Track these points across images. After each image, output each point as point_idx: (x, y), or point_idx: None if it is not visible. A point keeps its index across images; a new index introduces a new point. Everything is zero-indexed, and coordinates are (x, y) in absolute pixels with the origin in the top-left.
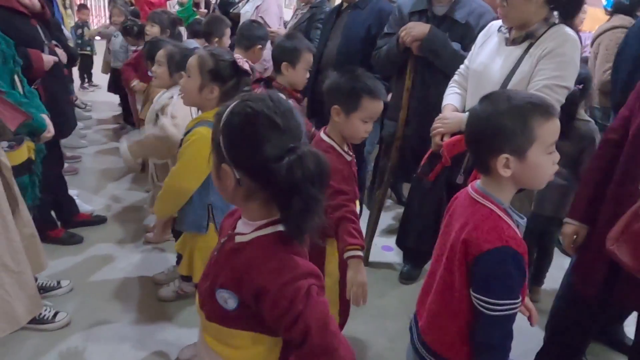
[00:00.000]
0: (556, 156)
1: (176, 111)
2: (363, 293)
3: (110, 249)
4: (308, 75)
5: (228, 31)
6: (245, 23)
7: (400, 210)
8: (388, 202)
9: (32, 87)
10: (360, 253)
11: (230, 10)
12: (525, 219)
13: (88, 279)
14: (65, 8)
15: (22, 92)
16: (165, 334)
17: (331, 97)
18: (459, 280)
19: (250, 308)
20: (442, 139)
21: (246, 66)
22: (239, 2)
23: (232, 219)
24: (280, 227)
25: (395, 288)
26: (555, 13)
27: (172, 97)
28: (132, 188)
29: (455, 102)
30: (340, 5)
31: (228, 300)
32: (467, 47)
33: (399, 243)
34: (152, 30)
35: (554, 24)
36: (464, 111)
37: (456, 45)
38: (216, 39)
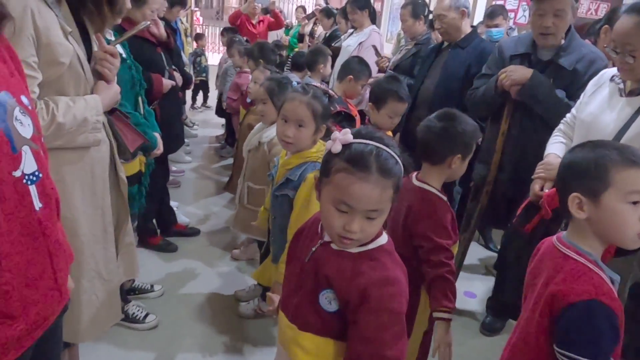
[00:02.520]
0: None
1: None
2: (450, 354)
3: (200, 260)
4: (397, 120)
5: (329, 61)
6: (352, 58)
7: (487, 254)
8: (474, 245)
9: (151, 107)
10: (449, 316)
11: (332, 44)
12: (619, 277)
13: (177, 287)
14: (186, 36)
15: (142, 113)
16: (243, 350)
17: (450, 147)
18: (540, 336)
19: (348, 311)
20: (542, 188)
21: (344, 103)
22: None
23: (303, 237)
24: (382, 241)
25: (476, 338)
26: None
27: None
28: (227, 205)
29: (559, 152)
30: (442, 43)
31: (332, 301)
32: (573, 95)
33: (494, 299)
34: (250, 64)
35: None
36: None
37: (560, 93)
38: (321, 66)
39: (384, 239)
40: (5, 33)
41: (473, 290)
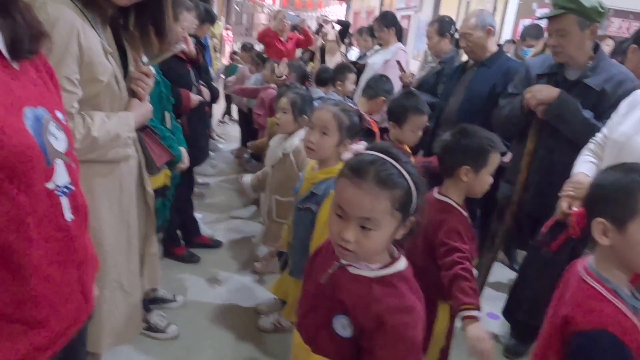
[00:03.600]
0: None
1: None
2: (490, 348)
3: (222, 272)
4: (421, 133)
5: (352, 77)
6: (375, 76)
7: (512, 275)
8: (499, 265)
9: (177, 121)
10: (476, 313)
11: (357, 60)
12: None
13: (199, 298)
14: (215, 51)
15: (169, 127)
16: None
17: (458, 159)
18: (553, 358)
19: (363, 338)
20: (569, 207)
21: (367, 119)
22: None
23: (321, 256)
24: (400, 267)
25: None
26: None
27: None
28: (250, 218)
29: (588, 171)
30: (467, 62)
31: (346, 327)
32: (600, 116)
33: (506, 314)
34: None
35: None
36: None
37: (587, 114)
38: (339, 83)
39: (402, 264)
40: (43, 50)
41: (496, 311)
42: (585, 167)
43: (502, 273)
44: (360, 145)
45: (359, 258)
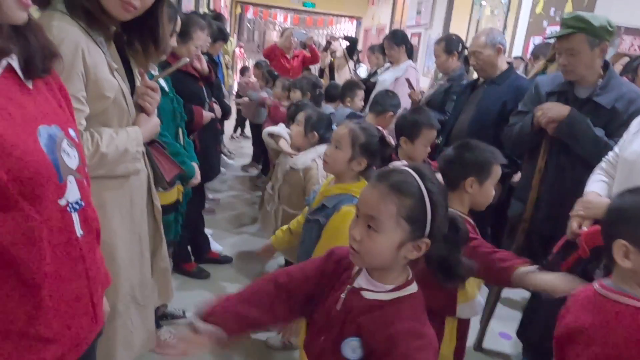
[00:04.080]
0: None
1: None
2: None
3: (231, 288)
4: (429, 149)
5: (361, 93)
6: (381, 91)
7: (523, 294)
8: None
9: (190, 138)
10: (533, 267)
11: (368, 78)
12: None
13: None
14: (227, 68)
15: (181, 143)
16: None
17: (463, 171)
18: None
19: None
20: (580, 226)
21: (392, 141)
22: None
23: (337, 265)
24: (412, 289)
25: None
26: None
27: (314, 160)
28: (258, 234)
29: (600, 190)
30: (477, 79)
31: (356, 350)
32: (611, 134)
33: (520, 334)
34: (295, 95)
35: None
36: None
37: (599, 132)
38: (349, 100)
39: (414, 287)
40: (56, 70)
41: (508, 331)
42: (597, 186)
43: (514, 292)
44: (400, 162)
45: (364, 262)
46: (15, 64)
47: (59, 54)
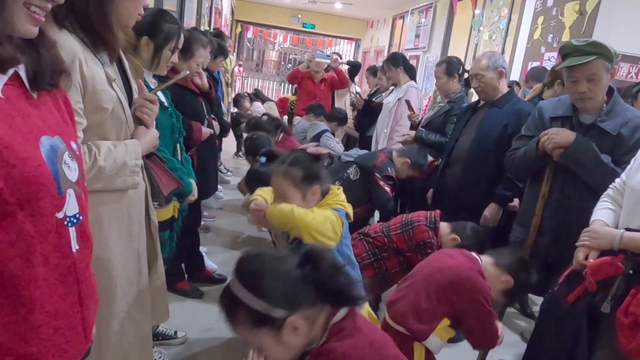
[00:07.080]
0: None
1: None
2: None
3: None
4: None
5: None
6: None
7: (523, 321)
8: (510, 310)
9: (188, 154)
10: None
11: (373, 99)
12: None
13: (201, 334)
14: (227, 86)
15: (179, 159)
16: None
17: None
18: None
19: None
20: (586, 257)
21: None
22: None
23: None
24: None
25: None
26: None
27: None
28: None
29: (606, 219)
30: (477, 102)
31: None
32: (617, 161)
33: None
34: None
35: None
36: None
37: (606, 158)
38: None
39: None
40: (63, 86)
41: (505, 356)
42: (604, 215)
43: (512, 317)
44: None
45: None
46: (22, 73)
47: (68, 71)
